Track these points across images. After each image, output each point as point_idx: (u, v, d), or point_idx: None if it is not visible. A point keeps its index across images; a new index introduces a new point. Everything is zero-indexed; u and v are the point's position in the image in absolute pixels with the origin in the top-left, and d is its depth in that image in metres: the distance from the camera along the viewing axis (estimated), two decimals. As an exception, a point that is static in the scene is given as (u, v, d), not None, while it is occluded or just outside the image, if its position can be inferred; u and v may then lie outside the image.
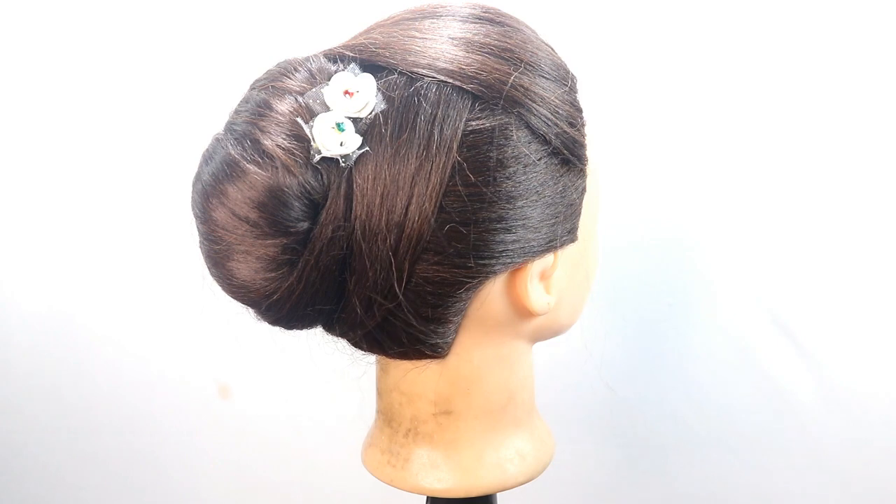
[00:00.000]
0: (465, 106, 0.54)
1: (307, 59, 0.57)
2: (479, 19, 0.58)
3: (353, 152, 0.52)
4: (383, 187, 0.52)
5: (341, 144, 0.52)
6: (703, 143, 0.89)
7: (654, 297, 0.94)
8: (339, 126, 0.52)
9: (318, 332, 0.61)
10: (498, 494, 0.66)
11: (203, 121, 0.61)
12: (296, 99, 0.54)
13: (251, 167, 0.52)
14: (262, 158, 0.52)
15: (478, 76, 0.55)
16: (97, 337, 1.13)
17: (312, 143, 0.52)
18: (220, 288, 0.57)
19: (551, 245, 0.58)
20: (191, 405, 1.13)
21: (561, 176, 0.57)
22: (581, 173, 0.59)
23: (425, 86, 0.54)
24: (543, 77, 0.57)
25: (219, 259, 0.55)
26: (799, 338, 0.88)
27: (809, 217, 0.86)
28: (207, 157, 0.55)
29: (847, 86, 0.83)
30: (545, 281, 0.59)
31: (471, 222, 0.54)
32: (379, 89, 0.54)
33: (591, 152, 0.60)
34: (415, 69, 0.55)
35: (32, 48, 1.07)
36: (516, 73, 0.55)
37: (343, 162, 0.52)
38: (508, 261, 0.56)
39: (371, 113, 0.53)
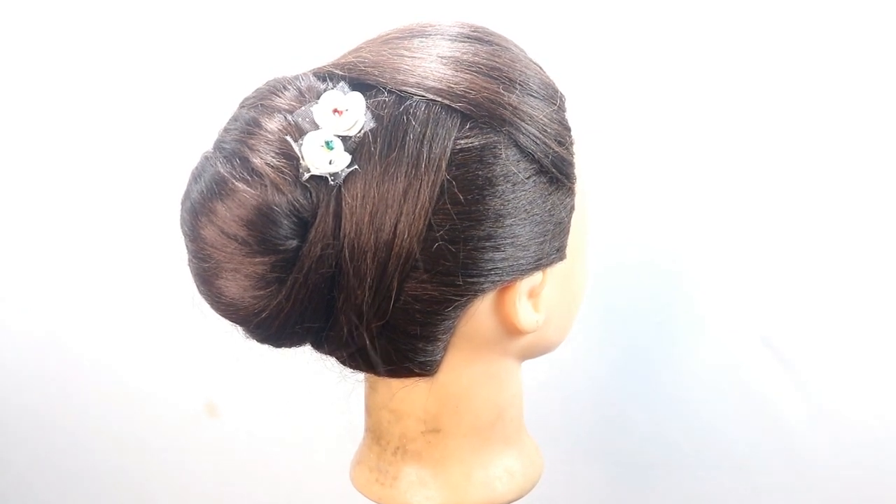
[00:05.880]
0: (453, 124, 0.54)
1: (296, 77, 0.57)
2: (468, 38, 0.58)
3: (343, 170, 0.52)
4: (372, 205, 0.52)
5: (330, 163, 0.52)
6: (692, 162, 0.89)
7: (642, 315, 0.94)
8: (328, 144, 0.52)
9: (306, 349, 0.61)
10: (487, 512, 0.66)
11: (192, 139, 0.61)
12: (285, 117, 0.54)
13: (240, 185, 0.52)
14: (252, 176, 0.52)
15: (466, 95, 0.55)
16: (83, 355, 1.13)
17: (301, 161, 0.52)
18: (208, 306, 0.57)
19: (540, 263, 0.58)
20: (178, 423, 1.12)
21: (549, 194, 0.58)
22: (570, 191, 0.59)
23: (414, 104, 0.54)
24: (532, 96, 0.57)
25: (207, 277, 0.55)
26: (787, 356, 0.88)
27: (798, 236, 0.87)
28: (196, 175, 0.55)
29: (833, 108, 0.84)
30: (534, 299, 0.59)
31: (459, 240, 0.54)
32: (368, 108, 0.54)
33: (579, 170, 0.61)
34: (404, 88, 0.55)
35: (17, 76, 1.07)
36: (505, 92, 0.56)
37: (332, 180, 0.52)
38: (497, 279, 0.56)
39: (360, 131, 0.53)
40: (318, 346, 0.59)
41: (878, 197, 0.84)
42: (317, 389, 0.87)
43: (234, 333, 0.58)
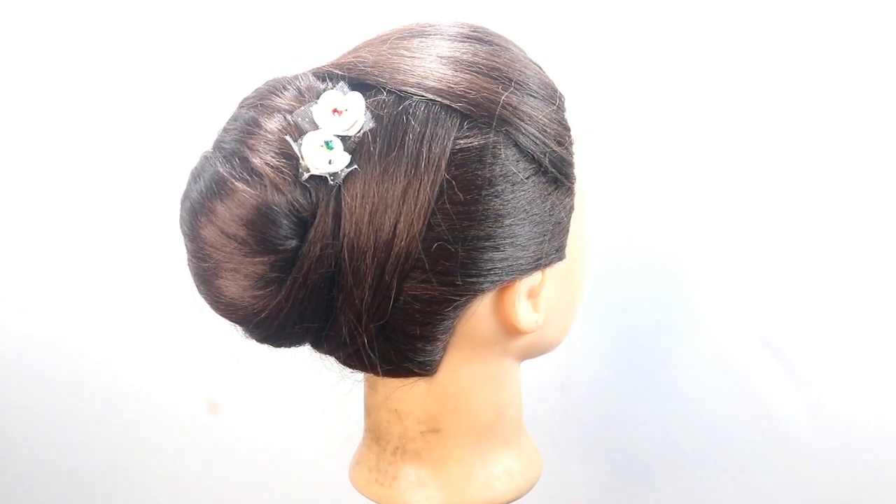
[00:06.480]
0: (453, 124, 0.54)
1: (296, 77, 0.57)
2: (468, 38, 0.58)
3: (342, 170, 0.52)
4: (372, 205, 0.53)
5: (330, 162, 0.52)
6: (691, 163, 0.89)
7: (642, 315, 0.94)
8: (327, 144, 0.52)
9: (306, 349, 0.61)
10: (486, 512, 0.66)
11: (192, 139, 0.61)
12: (285, 117, 0.54)
13: (240, 185, 0.52)
14: (251, 176, 0.52)
15: (466, 95, 0.55)
16: (83, 355, 1.13)
17: (301, 160, 0.52)
18: (208, 306, 0.57)
19: (539, 263, 0.58)
20: (178, 423, 1.12)
21: (549, 194, 0.58)
22: (569, 191, 0.59)
23: (414, 104, 0.54)
24: (531, 96, 0.57)
25: (207, 277, 0.55)
26: (786, 356, 0.88)
27: (797, 237, 0.87)
28: (196, 175, 0.55)
29: (832, 109, 0.84)
30: (533, 299, 0.59)
31: (459, 240, 0.54)
32: (368, 107, 0.54)
33: (579, 170, 0.61)
34: (403, 88, 0.55)
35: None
36: (504, 92, 0.56)
37: (332, 180, 0.52)
38: (496, 279, 0.56)
39: (360, 131, 0.53)
40: (318, 345, 0.59)
41: (876, 197, 0.84)
42: (316, 389, 0.87)
43: (233, 333, 0.58)
